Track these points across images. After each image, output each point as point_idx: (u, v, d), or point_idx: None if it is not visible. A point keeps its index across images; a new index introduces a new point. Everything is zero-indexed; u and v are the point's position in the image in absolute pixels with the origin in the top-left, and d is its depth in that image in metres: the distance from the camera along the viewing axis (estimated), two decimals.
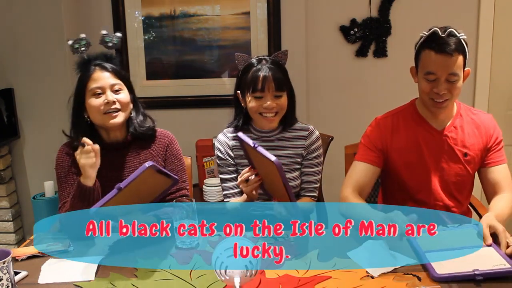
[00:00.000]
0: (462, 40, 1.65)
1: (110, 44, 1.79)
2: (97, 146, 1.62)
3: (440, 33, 1.64)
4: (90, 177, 1.62)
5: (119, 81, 1.74)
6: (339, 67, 3.15)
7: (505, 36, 3.06)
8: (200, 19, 3.14)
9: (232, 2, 3.10)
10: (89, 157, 1.60)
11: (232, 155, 1.95)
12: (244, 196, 1.85)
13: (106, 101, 1.69)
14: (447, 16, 3.04)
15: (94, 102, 1.70)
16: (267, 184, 1.79)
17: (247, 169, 1.75)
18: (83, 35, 1.75)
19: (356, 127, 3.15)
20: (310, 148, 1.92)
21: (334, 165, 2.38)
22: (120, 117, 1.72)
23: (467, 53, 1.67)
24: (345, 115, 3.20)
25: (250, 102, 1.84)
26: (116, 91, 1.72)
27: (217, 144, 1.97)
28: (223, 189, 1.98)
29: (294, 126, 1.94)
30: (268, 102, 1.82)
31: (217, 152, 1.97)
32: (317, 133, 1.95)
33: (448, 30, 1.65)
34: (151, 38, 3.17)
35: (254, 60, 1.87)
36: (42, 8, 2.90)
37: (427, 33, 1.68)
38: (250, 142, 1.63)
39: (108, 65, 1.74)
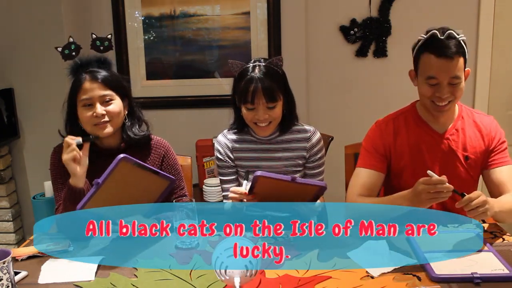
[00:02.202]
0: (462, 42, 1.63)
1: (102, 48, 1.74)
2: (78, 139, 1.59)
3: (439, 35, 1.62)
4: (77, 175, 1.59)
5: (109, 92, 1.70)
6: (339, 67, 3.15)
7: (505, 36, 3.06)
8: (200, 19, 3.14)
9: (232, 2, 3.10)
10: (69, 151, 1.57)
11: (232, 156, 1.95)
12: None
13: (95, 114, 1.67)
14: (447, 16, 3.05)
15: (84, 113, 1.68)
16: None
17: (243, 191, 1.66)
18: (71, 39, 1.71)
19: (356, 127, 3.15)
20: (313, 150, 1.92)
21: (334, 165, 2.38)
22: (109, 129, 1.70)
23: (466, 54, 1.65)
24: (345, 115, 3.20)
25: (244, 112, 1.84)
26: (106, 102, 1.69)
27: (216, 145, 1.97)
28: (222, 190, 1.99)
29: (294, 128, 1.93)
30: (260, 115, 1.80)
31: (216, 154, 1.97)
32: (318, 134, 1.94)
33: (448, 32, 1.62)
34: (151, 38, 3.17)
35: (249, 67, 1.82)
36: (42, 8, 2.90)
37: (425, 36, 1.66)
38: (287, 177, 1.56)
39: (99, 74, 1.69)
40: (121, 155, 1.50)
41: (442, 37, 1.61)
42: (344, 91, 3.18)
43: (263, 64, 1.83)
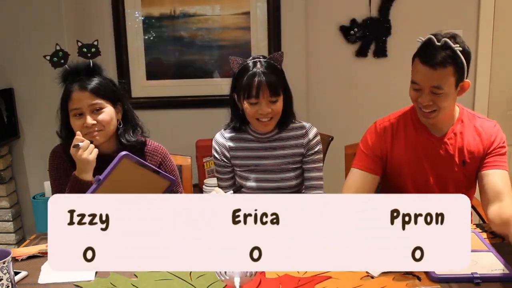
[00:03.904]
0: (458, 52, 1.56)
1: (89, 55, 1.71)
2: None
3: (434, 41, 1.57)
4: (89, 173, 1.62)
5: (98, 100, 1.67)
6: (339, 67, 3.15)
7: (505, 36, 3.06)
8: (200, 19, 3.14)
9: (232, 2, 3.10)
10: (90, 151, 1.60)
11: (228, 156, 1.95)
12: None
13: (85, 124, 1.66)
14: (447, 16, 3.05)
15: (75, 122, 1.67)
16: None
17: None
18: (58, 47, 1.69)
19: (356, 127, 3.14)
20: (310, 145, 1.92)
21: (334, 165, 2.37)
22: (101, 138, 1.69)
23: (464, 65, 1.58)
24: (345, 115, 3.20)
25: (246, 107, 1.84)
26: (96, 111, 1.67)
27: (214, 144, 1.98)
28: (218, 187, 2.00)
29: (291, 126, 1.94)
30: (263, 109, 1.81)
31: (213, 152, 1.98)
32: (314, 129, 1.95)
33: (444, 39, 1.56)
34: (151, 38, 3.17)
35: (249, 63, 1.84)
36: (42, 8, 2.90)
37: (423, 39, 1.61)
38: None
39: (88, 84, 1.67)
40: (123, 152, 1.52)
41: (437, 43, 1.56)
42: (344, 91, 3.18)
43: (264, 59, 1.85)
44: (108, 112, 1.70)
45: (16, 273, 1.36)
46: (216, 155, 1.97)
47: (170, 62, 3.21)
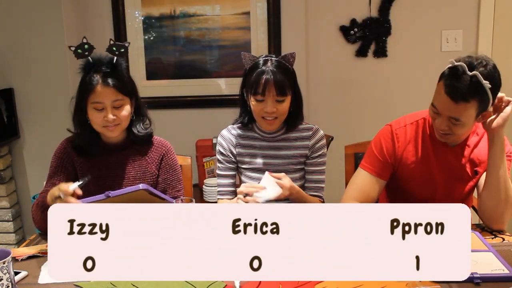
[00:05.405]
0: (487, 89, 1.49)
1: (117, 53, 1.75)
2: (74, 184, 1.55)
3: (465, 71, 1.49)
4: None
5: (121, 97, 1.71)
6: (339, 67, 3.15)
7: (505, 36, 3.06)
8: (200, 19, 3.14)
9: (232, 2, 3.10)
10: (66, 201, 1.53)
11: (235, 152, 1.95)
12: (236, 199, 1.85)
13: (106, 119, 1.69)
14: (447, 16, 3.05)
15: (94, 115, 1.71)
16: None
17: (260, 186, 1.70)
18: (85, 40, 1.72)
19: (356, 127, 3.16)
20: (314, 147, 1.92)
21: (334, 165, 2.37)
22: (117, 131, 1.74)
23: (490, 100, 1.52)
24: (345, 115, 3.20)
25: (253, 104, 1.84)
26: (117, 107, 1.71)
27: (220, 140, 1.97)
28: (218, 185, 1.99)
29: (298, 127, 1.94)
30: (268, 107, 1.80)
31: (219, 147, 1.97)
32: (321, 132, 1.94)
33: (474, 73, 1.48)
34: (151, 38, 3.17)
35: (260, 60, 1.84)
36: (42, 8, 2.90)
37: (455, 63, 1.52)
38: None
39: (111, 80, 1.69)
40: (144, 185, 1.50)
41: (467, 74, 1.49)
42: (344, 91, 3.18)
43: (275, 58, 1.85)
44: (127, 108, 1.75)
45: (16, 273, 1.36)
46: (222, 150, 1.96)
47: (170, 62, 3.21)
